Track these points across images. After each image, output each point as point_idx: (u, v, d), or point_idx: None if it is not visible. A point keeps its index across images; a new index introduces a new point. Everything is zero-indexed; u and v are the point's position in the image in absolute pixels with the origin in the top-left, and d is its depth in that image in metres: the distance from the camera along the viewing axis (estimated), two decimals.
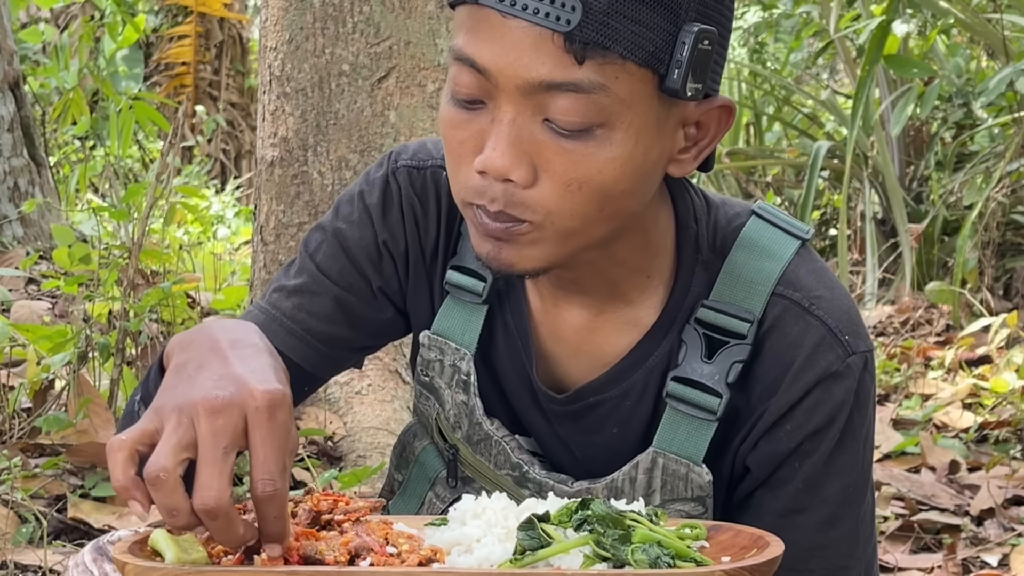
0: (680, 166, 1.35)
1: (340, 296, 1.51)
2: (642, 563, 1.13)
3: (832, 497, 1.41)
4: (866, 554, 1.46)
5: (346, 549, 1.13)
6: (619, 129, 1.26)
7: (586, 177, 1.26)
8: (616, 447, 1.45)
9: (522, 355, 1.48)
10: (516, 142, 1.25)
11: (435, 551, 1.15)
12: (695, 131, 1.34)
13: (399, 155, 1.52)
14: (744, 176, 6.79)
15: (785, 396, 1.38)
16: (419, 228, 1.50)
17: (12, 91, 5.21)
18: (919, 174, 6.36)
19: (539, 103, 1.24)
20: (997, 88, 5.33)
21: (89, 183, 7.23)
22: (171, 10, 10.56)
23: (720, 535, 1.23)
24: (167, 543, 1.14)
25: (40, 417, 3.15)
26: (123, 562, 1.12)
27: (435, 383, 1.52)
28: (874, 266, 5.71)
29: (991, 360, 4.41)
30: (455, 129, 1.30)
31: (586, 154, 1.25)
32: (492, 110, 1.27)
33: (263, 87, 3.47)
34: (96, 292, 3.41)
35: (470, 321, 1.49)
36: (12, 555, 2.62)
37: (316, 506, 1.19)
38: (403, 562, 1.13)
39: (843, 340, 1.38)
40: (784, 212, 1.47)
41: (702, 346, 1.40)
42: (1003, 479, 3.42)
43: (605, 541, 1.15)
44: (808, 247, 1.45)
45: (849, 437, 1.40)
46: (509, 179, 1.26)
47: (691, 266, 1.42)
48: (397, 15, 3.35)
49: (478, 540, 1.17)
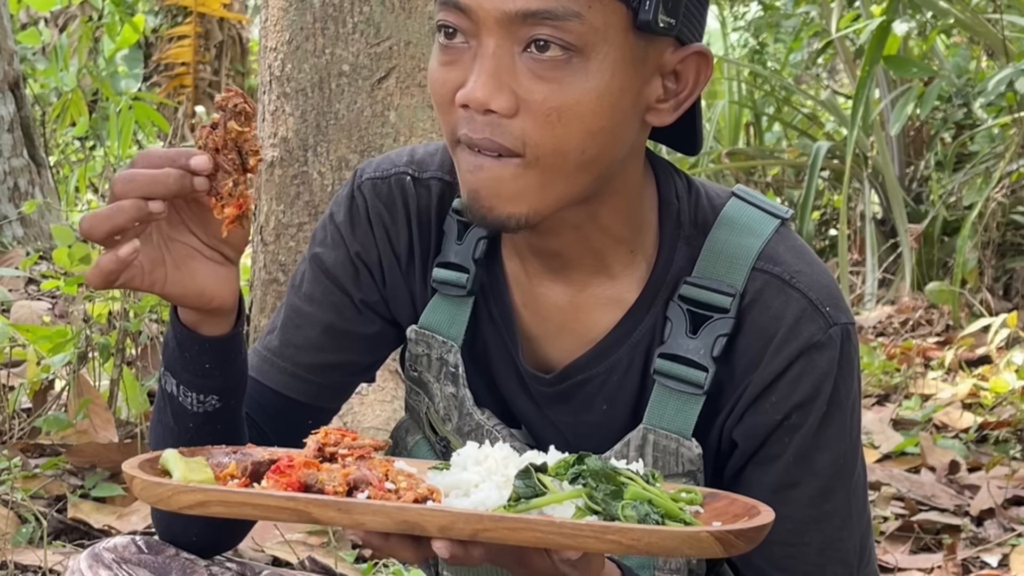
0: (659, 115, 1.39)
1: (325, 322, 1.53)
2: (631, 519, 1.16)
3: (823, 470, 1.42)
4: (860, 525, 1.48)
5: (345, 481, 1.17)
6: (594, 60, 1.31)
7: (564, 106, 1.31)
8: (606, 426, 1.47)
9: (507, 340, 1.49)
10: (496, 73, 1.31)
11: (432, 491, 1.18)
12: (674, 84, 1.38)
13: (363, 171, 1.56)
14: (744, 176, 6.79)
15: (768, 368, 1.40)
16: (389, 235, 1.52)
17: (12, 91, 5.22)
18: (919, 174, 6.36)
19: (518, 34, 1.30)
20: (997, 88, 5.33)
21: (89, 183, 7.23)
22: (170, 10, 10.55)
23: (716, 502, 1.26)
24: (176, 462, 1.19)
25: (40, 417, 3.15)
26: (131, 476, 1.17)
27: (423, 377, 1.54)
28: (874, 266, 5.71)
29: (991, 360, 4.40)
30: (440, 72, 1.35)
31: (564, 83, 1.30)
32: (474, 48, 1.32)
33: (263, 87, 3.47)
34: (96, 292, 3.41)
35: (457, 314, 1.50)
36: (12, 555, 2.62)
37: (324, 439, 1.24)
38: (399, 498, 1.16)
39: (824, 312, 1.40)
40: (764, 196, 1.49)
41: (686, 322, 1.42)
42: (1003, 479, 3.42)
43: (597, 495, 1.18)
44: (788, 226, 1.47)
45: (836, 409, 1.42)
46: (491, 110, 1.31)
47: (673, 242, 1.45)
48: (397, 15, 3.35)
49: (476, 485, 1.20)
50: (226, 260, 1.36)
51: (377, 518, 1.14)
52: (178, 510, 1.17)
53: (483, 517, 1.14)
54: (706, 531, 1.15)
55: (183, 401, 1.40)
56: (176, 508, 1.16)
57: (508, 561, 1.24)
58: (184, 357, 1.38)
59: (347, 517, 1.14)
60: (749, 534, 1.17)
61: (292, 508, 1.14)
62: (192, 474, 1.19)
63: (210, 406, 1.40)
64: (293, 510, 1.14)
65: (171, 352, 1.39)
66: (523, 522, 1.13)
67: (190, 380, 1.39)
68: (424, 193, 1.52)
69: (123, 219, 1.27)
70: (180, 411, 1.41)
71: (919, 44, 6.38)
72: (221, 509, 1.15)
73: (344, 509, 1.14)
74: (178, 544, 1.49)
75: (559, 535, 1.13)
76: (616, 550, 1.15)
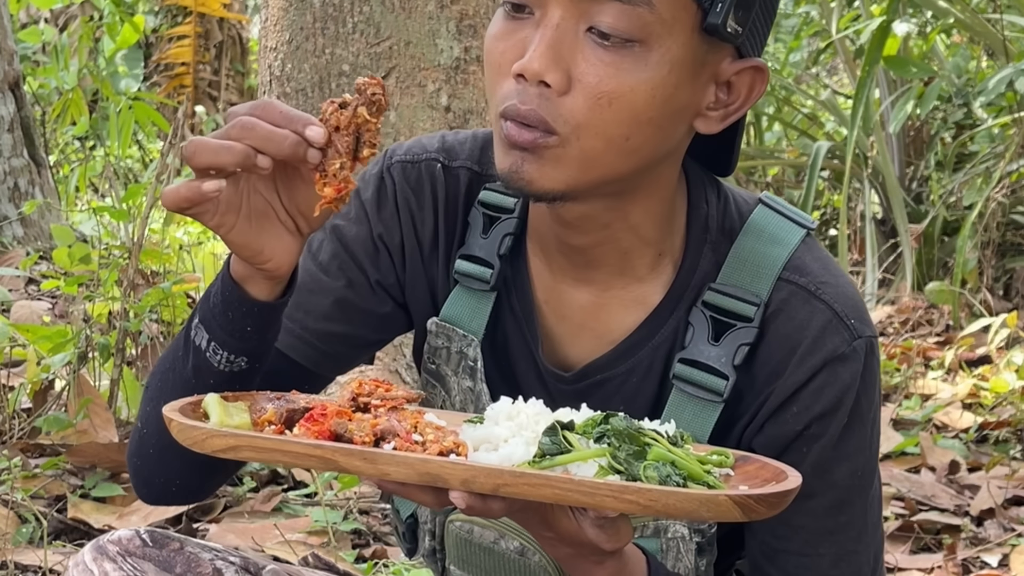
0: (707, 122, 1.39)
1: (339, 292, 1.52)
2: (652, 480, 1.16)
3: (841, 482, 1.42)
4: (875, 539, 1.47)
5: (373, 431, 1.19)
6: (656, 51, 1.30)
7: (617, 93, 1.30)
8: None
9: (527, 336, 1.49)
10: (556, 45, 1.30)
11: (458, 444, 1.19)
12: (726, 95, 1.38)
13: (394, 152, 1.54)
14: (744, 176, 6.79)
15: (791, 378, 1.39)
16: (415, 221, 1.52)
17: (12, 91, 5.21)
18: (919, 174, 6.36)
19: (586, 11, 1.29)
20: (997, 88, 5.33)
21: (89, 183, 7.23)
22: (170, 10, 10.55)
23: (747, 465, 1.26)
24: (215, 407, 1.23)
25: (40, 417, 3.15)
26: (170, 419, 1.20)
27: (441, 370, 1.53)
28: (874, 266, 5.71)
29: (991, 360, 4.40)
30: (499, 40, 1.34)
31: (621, 68, 1.30)
32: (539, 18, 1.32)
33: (263, 87, 3.46)
34: (96, 292, 3.41)
35: (478, 308, 1.50)
36: (12, 555, 2.62)
37: (358, 389, 1.26)
38: (425, 450, 1.18)
39: (849, 324, 1.40)
40: (789, 204, 1.49)
41: (709, 329, 1.42)
42: (1003, 479, 3.42)
43: (620, 455, 1.18)
44: (813, 237, 1.47)
45: (856, 421, 1.41)
46: (544, 82, 1.30)
47: (700, 246, 1.44)
48: (397, 15, 3.35)
49: (506, 440, 1.21)
50: (297, 231, 1.33)
51: (401, 469, 1.16)
52: (211, 453, 1.19)
53: (503, 472, 1.15)
54: (725, 494, 1.14)
55: (211, 357, 1.37)
56: (209, 451, 1.19)
57: (533, 522, 1.24)
58: (227, 316, 1.35)
59: (372, 467, 1.16)
60: (770, 499, 1.16)
61: (319, 456, 1.17)
62: (229, 419, 1.22)
63: (237, 367, 1.38)
64: (320, 458, 1.17)
65: (212, 308, 1.36)
66: (542, 478, 1.14)
67: (225, 340, 1.36)
68: (453, 182, 1.52)
69: (227, 160, 1.24)
70: (205, 366, 1.38)
71: (919, 44, 6.38)
72: (251, 454, 1.19)
73: (369, 459, 1.16)
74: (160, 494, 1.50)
75: (577, 492, 1.14)
76: (634, 510, 1.15)
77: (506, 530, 1.44)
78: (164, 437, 1.40)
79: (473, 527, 1.45)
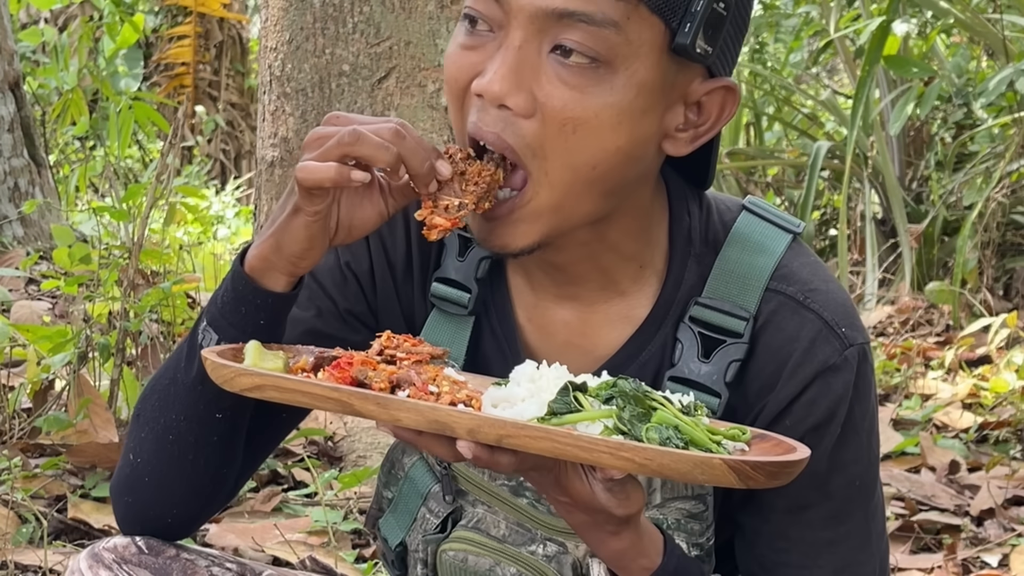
0: (675, 144, 1.35)
1: (309, 323, 1.49)
2: (653, 441, 1.18)
3: (837, 492, 1.40)
4: (879, 549, 1.46)
5: (389, 380, 1.24)
6: (622, 74, 1.27)
7: (582, 119, 1.27)
8: None
9: (509, 357, 1.46)
10: (518, 68, 1.27)
11: (471, 397, 1.23)
12: (696, 116, 1.35)
13: None
14: (744, 176, 6.79)
15: (783, 391, 1.38)
16: (384, 244, 1.50)
17: (12, 91, 5.21)
18: (919, 174, 6.36)
19: (549, 32, 1.27)
20: (997, 88, 5.33)
21: (89, 183, 7.23)
22: (171, 10, 10.56)
23: (763, 443, 1.27)
24: (253, 352, 1.29)
25: (40, 417, 3.15)
26: (205, 357, 1.27)
27: None
28: (874, 266, 5.71)
29: (991, 360, 4.40)
30: (459, 59, 1.32)
31: (586, 91, 1.27)
32: (500, 38, 1.29)
33: (263, 87, 3.47)
34: (96, 292, 3.41)
35: (457, 333, 1.48)
36: (12, 555, 2.62)
37: (386, 342, 1.31)
38: (438, 400, 1.23)
39: (840, 333, 1.38)
40: (775, 207, 1.46)
41: (698, 345, 1.40)
42: (1003, 479, 3.42)
43: (625, 416, 1.20)
44: (800, 241, 1.44)
45: (851, 431, 1.39)
46: (506, 105, 1.28)
47: (684, 259, 1.42)
48: (397, 15, 3.35)
49: (523, 400, 1.24)
50: (331, 239, 1.36)
51: (411, 415, 1.20)
52: (239, 391, 1.24)
53: (507, 423, 1.18)
54: (720, 458, 1.15)
55: None
56: (237, 389, 1.24)
57: (548, 484, 1.23)
58: (239, 311, 1.36)
59: (384, 412, 1.21)
60: (768, 467, 1.16)
61: (336, 398, 1.22)
62: (263, 363, 1.28)
63: None
64: (337, 400, 1.22)
65: (221, 308, 1.37)
66: (542, 431, 1.17)
67: (236, 337, 1.36)
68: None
69: (382, 158, 1.27)
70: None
71: (919, 44, 6.38)
72: (274, 393, 1.24)
73: (382, 404, 1.21)
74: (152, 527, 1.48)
75: (575, 447, 1.16)
76: (630, 468, 1.16)
77: (501, 557, 1.42)
78: (163, 463, 1.40)
79: (467, 555, 1.43)
